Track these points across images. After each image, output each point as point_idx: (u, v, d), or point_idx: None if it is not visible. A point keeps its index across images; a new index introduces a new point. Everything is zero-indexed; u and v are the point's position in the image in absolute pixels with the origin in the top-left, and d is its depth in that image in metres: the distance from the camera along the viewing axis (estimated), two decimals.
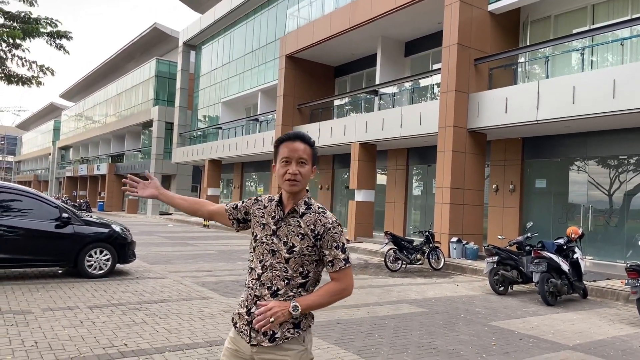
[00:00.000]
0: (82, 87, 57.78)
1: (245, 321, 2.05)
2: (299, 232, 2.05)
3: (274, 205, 2.13)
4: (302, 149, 2.08)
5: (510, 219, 14.29)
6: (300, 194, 2.11)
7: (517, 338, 5.81)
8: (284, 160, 2.07)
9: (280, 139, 2.15)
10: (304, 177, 2.07)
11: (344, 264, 2.06)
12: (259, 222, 2.15)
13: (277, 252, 2.04)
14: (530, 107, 11.82)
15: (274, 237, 2.07)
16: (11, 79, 15.55)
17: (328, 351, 4.92)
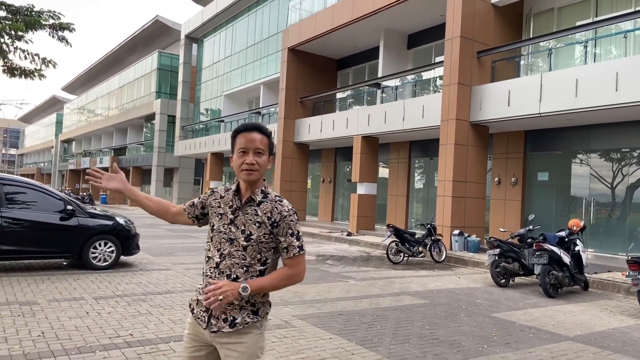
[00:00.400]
0: (85, 80, 57.77)
1: (204, 308, 2.10)
2: (256, 220, 2.09)
3: (232, 195, 2.18)
4: (259, 139, 2.10)
5: (512, 212, 14.32)
6: (257, 183, 2.15)
7: (518, 329, 5.86)
8: (241, 151, 2.10)
9: (236, 130, 2.16)
10: (261, 167, 2.11)
11: (298, 251, 2.11)
12: (215, 212, 2.18)
13: (235, 240, 2.09)
14: (533, 100, 11.81)
15: (232, 226, 2.11)
16: (14, 72, 15.57)
17: (331, 341, 4.97)
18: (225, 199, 2.19)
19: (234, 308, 2.07)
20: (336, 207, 22.30)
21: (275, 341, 4.89)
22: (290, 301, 6.75)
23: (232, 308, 2.07)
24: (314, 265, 10.28)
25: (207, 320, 2.09)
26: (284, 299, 6.84)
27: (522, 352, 4.93)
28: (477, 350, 4.91)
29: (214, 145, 27.82)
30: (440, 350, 4.88)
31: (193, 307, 2.18)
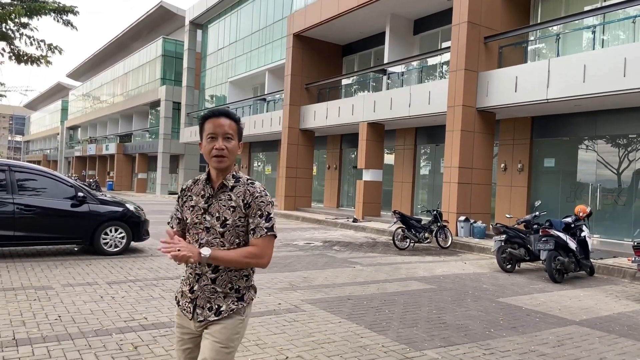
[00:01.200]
0: (89, 66, 57.72)
1: (188, 299, 2.12)
2: (230, 205, 2.08)
3: (202, 184, 2.16)
4: (228, 124, 2.09)
5: (519, 198, 14.35)
6: (228, 169, 2.13)
7: (524, 313, 5.95)
8: (210, 137, 2.07)
9: (204, 115, 2.14)
10: (230, 152, 2.08)
11: (266, 232, 2.08)
12: (187, 206, 2.18)
13: (212, 228, 2.08)
14: (540, 86, 11.76)
15: (206, 215, 2.10)
16: (20, 58, 15.61)
17: (340, 325, 5.08)
18: (195, 191, 2.18)
19: (218, 296, 2.08)
20: (342, 194, 22.37)
21: (285, 325, 5.00)
22: (299, 286, 6.87)
23: (216, 296, 2.08)
24: (321, 251, 10.39)
25: (192, 310, 2.10)
26: (292, 284, 6.95)
27: (529, 336, 5.02)
28: (484, 334, 5.00)
29: None
30: (447, 333, 4.97)
31: (179, 299, 2.19)
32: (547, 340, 4.91)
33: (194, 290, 2.11)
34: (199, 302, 2.10)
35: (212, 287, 2.09)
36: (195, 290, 2.10)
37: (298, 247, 10.96)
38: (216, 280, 2.09)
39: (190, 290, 2.12)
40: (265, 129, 23.32)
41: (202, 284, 2.10)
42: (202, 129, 2.13)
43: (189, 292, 2.12)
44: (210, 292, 2.09)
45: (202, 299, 2.09)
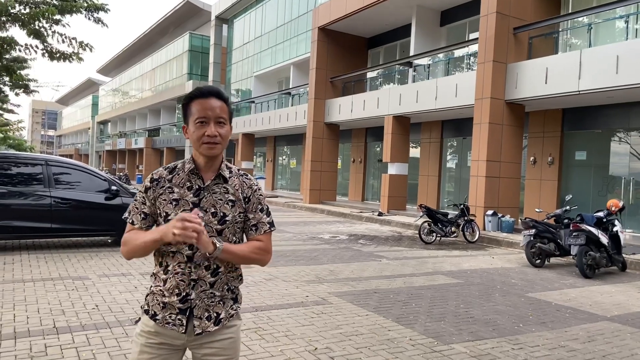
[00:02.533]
0: (118, 62, 58.91)
1: (176, 310, 1.80)
2: (228, 199, 1.84)
3: (187, 174, 1.85)
4: (219, 106, 1.83)
5: (549, 192, 14.09)
6: (219, 158, 1.88)
7: (554, 309, 5.88)
8: (200, 121, 1.80)
9: (190, 95, 1.85)
10: (223, 139, 1.83)
11: (269, 228, 1.90)
12: (167, 199, 1.82)
13: (206, 225, 1.78)
14: (571, 77, 11.49)
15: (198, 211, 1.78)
16: (53, 55, 16.05)
17: (368, 318, 5.13)
18: (176, 182, 1.84)
19: (217, 302, 1.84)
20: (367, 187, 22.36)
21: (313, 317, 5.08)
22: (326, 279, 6.94)
23: (214, 303, 1.84)
24: (347, 245, 10.45)
25: (186, 323, 1.80)
26: (319, 277, 7.03)
27: (558, 331, 4.98)
28: (513, 329, 4.98)
29: (245, 126, 28.12)
30: (475, 328, 4.97)
31: (155, 312, 1.83)
32: (577, 336, 4.86)
33: (189, 299, 1.80)
34: (196, 313, 1.81)
35: (210, 292, 1.83)
36: (191, 299, 1.80)
37: (324, 240, 11.04)
38: (215, 284, 1.83)
39: (182, 300, 1.80)
40: (290, 123, 23.43)
41: (200, 290, 1.81)
42: (187, 111, 1.84)
43: (180, 302, 1.79)
44: (209, 298, 1.83)
45: (200, 308, 1.82)
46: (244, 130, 28.23)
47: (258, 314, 5.10)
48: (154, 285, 1.87)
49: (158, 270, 1.86)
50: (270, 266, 7.67)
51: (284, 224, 14.02)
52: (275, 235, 11.50)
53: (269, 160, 30.29)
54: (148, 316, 1.85)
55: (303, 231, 12.49)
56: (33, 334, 4.21)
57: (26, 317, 4.67)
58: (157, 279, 1.86)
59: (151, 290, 1.88)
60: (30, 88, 25.86)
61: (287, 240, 10.81)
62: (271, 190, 28.46)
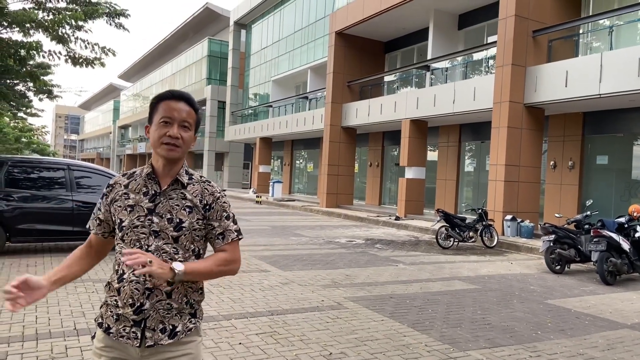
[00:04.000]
0: (139, 68, 59.90)
1: (130, 322, 1.71)
2: (184, 205, 1.77)
3: (144, 179, 1.80)
4: (187, 111, 1.78)
5: (569, 197, 13.86)
6: (179, 163, 1.83)
7: (573, 316, 5.79)
8: (164, 121, 1.75)
9: (159, 96, 1.83)
10: (185, 143, 1.78)
11: (236, 236, 1.84)
12: (122, 205, 1.78)
13: (162, 232, 1.74)
14: (592, 81, 11.31)
15: (153, 217, 1.75)
16: (76, 61, 16.40)
17: (383, 323, 5.12)
18: (132, 187, 1.80)
19: (173, 315, 1.74)
20: (384, 191, 22.29)
21: (329, 321, 5.09)
22: (342, 283, 6.94)
23: (171, 315, 1.74)
24: (363, 249, 10.43)
25: (140, 335, 1.71)
26: (335, 281, 7.04)
27: (577, 339, 4.90)
28: (531, 336, 4.92)
29: (263, 130, 28.31)
30: (492, 335, 4.92)
31: (109, 325, 1.74)
32: (597, 344, 4.77)
33: (143, 310, 1.71)
34: (149, 324, 1.72)
35: (167, 302, 1.73)
36: (145, 310, 1.71)
37: (340, 244, 11.04)
38: (172, 294, 1.74)
39: (136, 311, 1.71)
40: (307, 127, 23.51)
41: (155, 300, 1.72)
42: (153, 111, 1.81)
43: (133, 313, 1.70)
44: (165, 310, 1.73)
45: (153, 319, 1.72)
46: (262, 134, 28.42)
47: (274, 317, 5.13)
48: (108, 296, 1.78)
49: (113, 279, 1.78)
50: (286, 270, 7.71)
51: (301, 227, 14.06)
52: (292, 239, 11.55)
53: (286, 164, 30.42)
54: (102, 329, 1.76)
55: (319, 235, 12.52)
56: (54, 336, 4.31)
57: (48, 318, 4.79)
58: (110, 289, 1.78)
59: (105, 301, 1.80)
60: (54, 93, 26.45)
61: (303, 244, 10.84)
62: (288, 194, 28.57)
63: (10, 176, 8.13)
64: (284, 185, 28.11)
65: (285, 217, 17.39)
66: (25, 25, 13.49)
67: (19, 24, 13.15)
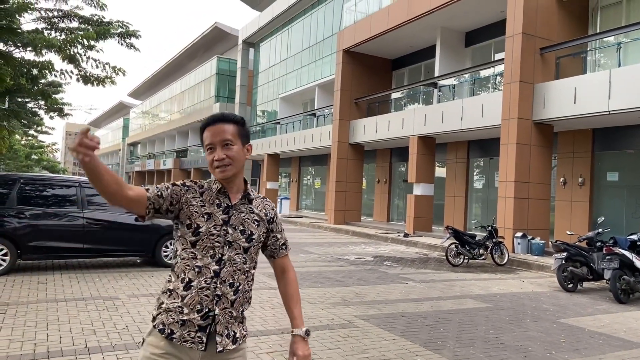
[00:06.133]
0: (148, 86, 60.66)
1: (196, 327, 1.79)
2: (253, 218, 1.93)
3: (215, 193, 1.90)
4: (224, 129, 1.88)
5: (580, 214, 13.75)
6: (237, 178, 1.93)
7: (587, 335, 5.70)
8: (209, 148, 1.88)
9: (203, 124, 1.94)
10: (234, 160, 1.87)
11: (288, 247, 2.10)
12: (199, 212, 1.86)
13: (235, 242, 1.86)
14: (601, 97, 11.31)
15: (228, 227, 1.87)
16: (87, 80, 16.64)
17: (395, 342, 5.07)
18: (206, 197, 1.89)
19: (235, 321, 1.87)
20: (392, 208, 22.22)
21: (340, 340, 5.05)
22: (352, 301, 6.90)
23: (233, 321, 1.86)
24: (372, 267, 10.37)
25: (205, 341, 1.80)
26: (345, 299, 6.99)
27: (592, 359, 4.82)
28: (545, 356, 4.85)
29: (271, 146, 28.44)
30: (506, 354, 4.85)
31: (172, 330, 1.79)
32: None
33: (210, 315, 1.81)
34: (219, 329, 1.82)
35: (230, 310, 1.85)
36: (214, 315, 1.81)
37: (349, 261, 10.99)
38: (234, 303, 1.86)
39: (204, 316, 1.80)
40: (315, 144, 23.59)
41: (222, 307, 1.83)
42: (202, 139, 1.93)
43: (201, 318, 1.80)
44: (229, 317, 1.85)
45: (222, 324, 1.83)
46: (270, 151, 28.54)
47: (284, 336, 5.09)
48: (170, 302, 1.82)
49: (176, 286, 1.83)
50: None
51: (309, 244, 14.03)
52: (301, 256, 11.52)
53: (293, 180, 30.47)
54: (163, 335, 1.80)
55: (328, 252, 12.47)
56: (65, 354, 4.31)
57: (59, 336, 4.79)
58: (172, 296, 1.83)
59: (165, 308, 1.83)
60: (65, 111, 26.78)
61: (312, 261, 10.80)
62: (296, 210, 28.55)
63: (23, 193, 8.22)
64: (291, 201, 28.12)
65: (293, 234, 17.36)
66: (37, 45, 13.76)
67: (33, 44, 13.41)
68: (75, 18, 15.06)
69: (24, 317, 5.42)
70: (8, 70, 14.34)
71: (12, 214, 7.98)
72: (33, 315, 5.48)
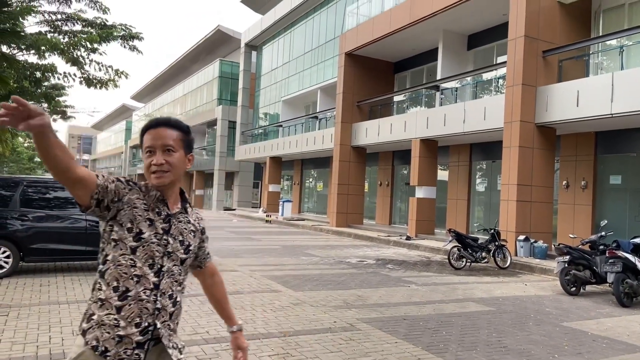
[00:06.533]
0: (151, 88, 60.80)
1: (134, 344, 1.65)
2: (190, 229, 1.87)
3: (154, 200, 1.78)
4: (168, 134, 1.76)
5: (582, 217, 13.71)
6: (176, 187, 1.84)
7: (590, 339, 5.68)
8: (148, 151, 1.77)
9: (144, 127, 1.82)
10: (174, 167, 1.76)
11: None
12: (142, 216, 1.73)
13: (174, 253, 1.77)
14: (604, 101, 11.29)
15: (168, 237, 1.77)
16: (90, 82, 16.69)
17: (397, 346, 5.05)
18: (148, 203, 1.76)
19: (174, 333, 1.80)
20: (394, 211, 22.20)
21: (342, 343, 5.04)
22: (354, 304, 6.89)
23: (172, 333, 1.79)
24: (374, 269, 10.36)
25: (143, 358, 1.67)
26: (347, 302, 6.98)
27: None
28: None
29: (273, 149, 28.47)
30: (509, 358, 4.84)
31: (106, 347, 1.63)
32: None
33: (150, 330, 1.69)
34: (166, 343, 1.73)
35: (168, 323, 1.76)
36: (156, 329, 1.70)
37: (351, 264, 10.98)
38: (172, 315, 1.77)
39: (143, 331, 1.67)
40: (317, 146, 23.61)
41: (162, 321, 1.73)
42: (141, 142, 1.81)
43: (140, 333, 1.66)
44: (169, 329, 1.76)
45: (165, 338, 1.74)
46: (272, 153, 28.56)
47: (286, 339, 5.09)
48: (103, 315, 1.65)
49: (109, 295, 1.66)
50: (298, 290, 7.67)
51: (311, 247, 14.02)
52: (302, 259, 11.51)
53: (295, 183, 30.48)
54: (97, 353, 1.62)
55: (330, 255, 12.46)
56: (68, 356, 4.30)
57: (61, 339, 4.79)
58: (105, 306, 1.65)
59: (97, 321, 1.65)
60: (68, 114, 26.87)
61: (314, 264, 10.79)
62: (298, 213, 28.55)
63: (25, 196, 8.24)
64: (293, 204, 28.12)
65: (296, 237, 17.35)
66: (41, 48, 13.81)
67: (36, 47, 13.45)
68: (79, 21, 15.13)
69: (27, 319, 5.43)
70: (11, 73, 14.41)
71: (15, 217, 8.00)
72: (35, 318, 5.49)
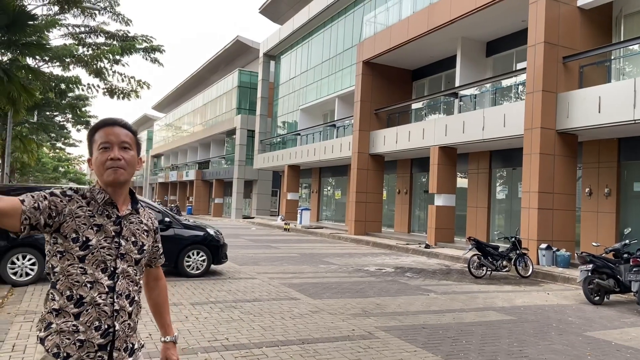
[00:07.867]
0: (172, 99, 61.78)
1: (96, 347, 1.68)
2: (143, 229, 1.87)
3: (102, 203, 1.77)
4: (124, 133, 1.79)
5: (606, 225, 13.43)
6: (126, 187, 1.83)
7: (614, 349, 5.56)
8: (103, 147, 1.74)
9: (94, 126, 1.82)
10: (129, 165, 1.77)
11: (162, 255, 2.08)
12: (87, 223, 1.72)
13: (127, 254, 1.78)
14: (626, 106, 11.09)
15: (120, 239, 1.77)
16: (113, 93, 17.08)
17: (416, 354, 5.03)
18: (94, 208, 1.75)
19: (133, 332, 1.81)
20: (413, 219, 22.07)
21: (360, 351, 5.03)
22: (372, 312, 6.87)
23: (131, 334, 1.80)
24: (393, 278, 10.31)
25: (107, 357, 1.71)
26: (365, 310, 6.97)
27: None
28: None
29: (291, 157, 28.61)
30: None
31: (67, 353, 1.65)
32: None
33: (110, 332, 1.71)
34: (117, 345, 1.72)
35: (128, 322, 1.77)
36: (114, 331, 1.71)
37: (369, 272, 10.94)
38: (131, 315, 1.79)
39: (104, 334, 1.69)
40: (335, 155, 23.65)
41: (121, 322, 1.74)
42: (91, 142, 1.79)
43: (101, 336, 1.69)
44: (128, 329, 1.77)
45: (121, 340, 1.74)
46: (290, 162, 28.71)
47: (305, 346, 5.11)
48: (61, 323, 1.67)
49: (64, 304, 1.68)
50: (316, 298, 7.68)
51: (329, 255, 14.02)
52: (321, 267, 11.52)
53: (314, 191, 30.54)
54: (59, 357, 1.65)
55: (348, 263, 12.44)
56: None
57: None
58: (62, 315, 1.68)
59: (56, 329, 1.67)
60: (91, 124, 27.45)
61: (332, 272, 10.79)
62: (316, 221, 28.57)
63: None
64: (312, 212, 28.15)
65: (314, 245, 17.37)
66: (65, 60, 14.20)
67: (60, 58, 13.82)
68: (102, 33, 15.53)
69: None
70: (37, 84, 14.84)
71: None
72: None
